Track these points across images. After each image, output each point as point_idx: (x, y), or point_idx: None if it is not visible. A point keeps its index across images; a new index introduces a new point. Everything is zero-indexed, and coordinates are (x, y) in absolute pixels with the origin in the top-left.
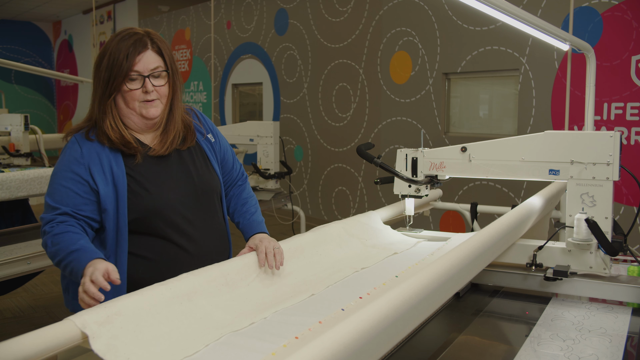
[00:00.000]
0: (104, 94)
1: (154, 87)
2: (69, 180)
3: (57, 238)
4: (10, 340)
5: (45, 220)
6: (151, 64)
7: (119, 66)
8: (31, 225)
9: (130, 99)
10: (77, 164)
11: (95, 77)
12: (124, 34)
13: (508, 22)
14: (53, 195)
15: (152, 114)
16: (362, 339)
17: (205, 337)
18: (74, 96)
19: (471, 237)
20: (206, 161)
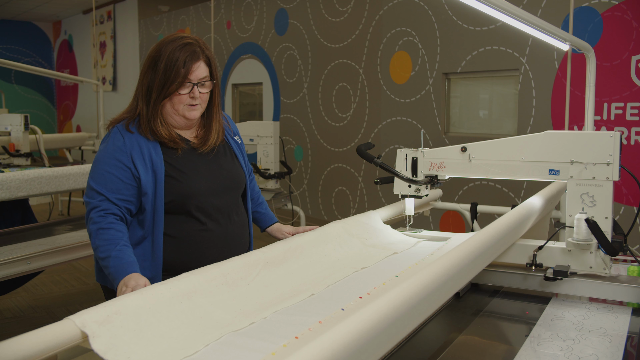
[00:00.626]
0: (159, 95)
1: (199, 94)
2: (112, 166)
3: (102, 233)
4: (10, 340)
5: (90, 206)
6: (201, 74)
7: (176, 73)
8: (31, 225)
9: (178, 102)
10: (120, 152)
11: (147, 78)
12: (180, 42)
13: (508, 22)
14: (97, 179)
15: (193, 116)
16: (362, 339)
17: (205, 337)
18: (74, 96)
19: (471, 237)
20: (234, 158)
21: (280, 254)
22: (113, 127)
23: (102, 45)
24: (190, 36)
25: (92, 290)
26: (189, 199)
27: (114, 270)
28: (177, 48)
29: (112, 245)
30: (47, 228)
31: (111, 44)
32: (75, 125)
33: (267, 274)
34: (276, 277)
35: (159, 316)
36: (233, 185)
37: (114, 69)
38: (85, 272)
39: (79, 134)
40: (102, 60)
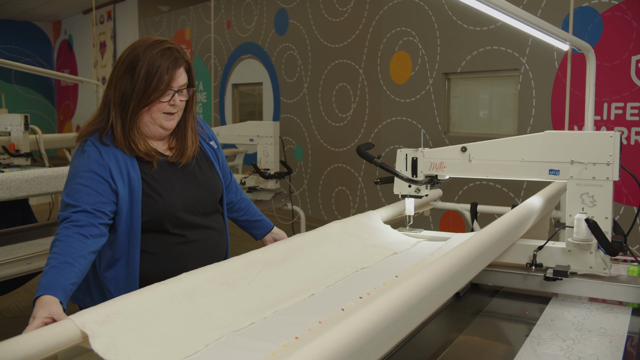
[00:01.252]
0: (139, 104)
1: (179, 102)
2: (89, 179)
3: (56, 245)
4: (10, 340)
5: (60, 218)
6: (182, 81)
7: (159, 80)
8: (31, 225)
9: (157, 110)
10: (98, 165)
11: (122, 85)
12: (161, 47)
13: (508, 22)
14: (73, 195)
15: (170, 125)
16: (362, 339)
17: (205, 337)
18: (74, 96)
19: (471, 237)
20: (210, 166)
21: (281, 254)
22: (85, 140)
23: (102, 45)
24: (168, 40)
25: None
26: (167, 217)
27: (40, 284)
28: (157, 54)
29: (56, 257)
30: (47, 228)
31: (111, 44)
32: (75, 125)
33: (267, 274)
34: (276, 277)
35: (159, 316)
36: (210, 197)
37: None
38: None
39: None
40: (102, 60)
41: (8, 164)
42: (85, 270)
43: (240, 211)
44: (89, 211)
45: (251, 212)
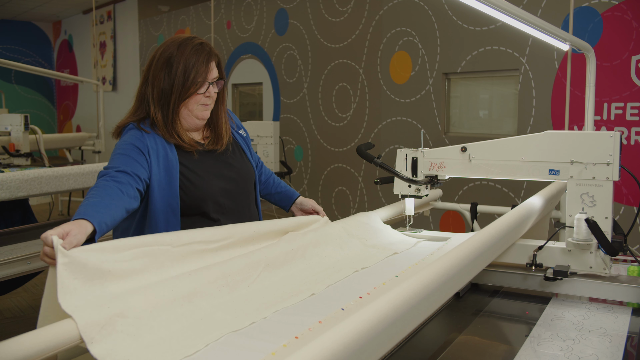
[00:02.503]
0: (179, 97)
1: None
2: (128, 150)
3: (94, 192)
4: (10, 340)
5: (100, 174)
6: (215, 74)
7: (197, 74)
8: (31, 225)
9: (194, 102)
10: (137, 140)
11: (160, 81)
12: (194, 43)
13: (508, 22)
14: (112, 161)
15: (205, 115)
16: (362, 339)
17: (205, 337)
18: (74, 96)
19: (471, 237)
20: (242, 153)
21: (281, 255)
22: (121, 130)
23: (102, 45)
24: (197, 37)
25: None
26: (204, 201)
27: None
28: (192, 50)
29: (94, 196)
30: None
31: (111, 44)
32: (75, 125)
33: (268, 275)
34: (277, 278)
35: (159, 320)
36: (244, 182)
37: (114, 69)
38: None
39: (79, 134)
40: (102, 60)
41: (8, 164)
42: (117, 221)
43: (261, 185)
44: (127, 172)
45: (269, 185)
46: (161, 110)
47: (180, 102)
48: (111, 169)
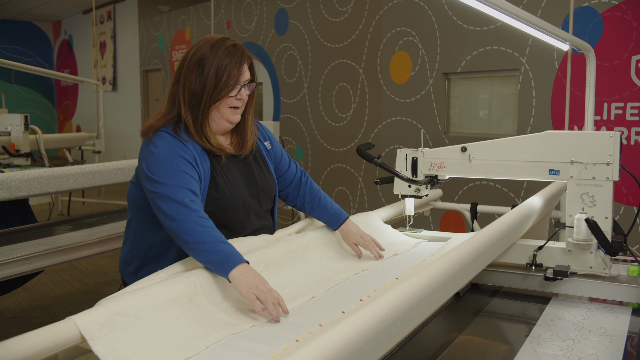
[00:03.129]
0: (210, 99)
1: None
2: (182, 165)
3: (204, 221)
4: (10, 340)
5: (179, 197)
6: (247, 76)
7: (229, 76)
8: (31, 225)
9: (225, 104)
10: (184, 152)
11: (192, 83)
12: (227, 45)
13: (508, 22)
14: (169, 177)
15: (236, 119)
16: (362, 339)
17: (206, 339)
18: (74, 96)
19: (471, 237)
20: (265, 165)
21: (281, 255)
22: (155, 131)
23: (102, 45)
24: (229, 38)
25: (92, 290)
26: (225, 211)
27: (222, 254)
28: (225, 52)
29: (219, 236)
30: (47, 228)
31: (111, 44)
32: (75, 125)
33: (268, 275)
34: (277, 279)
35: (160, 319)
36: (264, 196)
37: (114, 69)
38: (85, 272)
39: (79, 134)
40: (102, 60)
41: (8, 164)
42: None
43: (302, 206)
44: (195, 193)
45: (308, 207)
46: (191, 112)
47: (211, 105)
48: (183, 190)
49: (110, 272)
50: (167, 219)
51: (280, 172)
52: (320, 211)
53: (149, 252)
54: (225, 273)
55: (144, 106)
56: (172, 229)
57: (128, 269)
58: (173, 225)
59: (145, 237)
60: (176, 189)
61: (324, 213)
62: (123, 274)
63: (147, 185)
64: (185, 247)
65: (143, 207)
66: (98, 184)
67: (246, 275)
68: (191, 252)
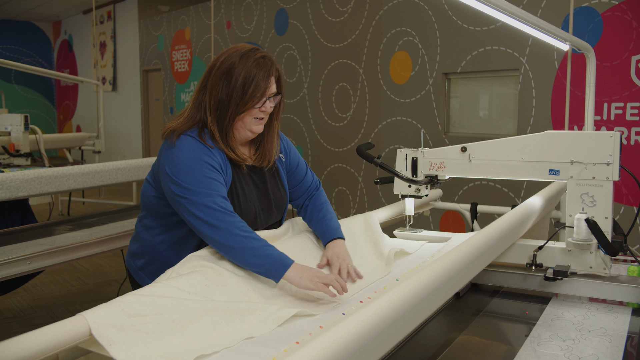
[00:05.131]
0: (236, 110)
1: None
2: (210, 172)
3: (245, 226)
4: (11, 340)
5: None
6: (273, 89)
7: (256, 88)
8: (31, 225)
9: (249, 114)
10: (210, 159)
11: (218, 91)
12: (256, 56)
13: (508, 22)
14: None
15: (259, 130)
16: (362, 339)
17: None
18: (74, 96)
19: (471, 237)
20: (279, 178)
21: None
22: (179, 135)
23: (102, 45)
24: (260, 48)
25: (92, 290)
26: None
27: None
28: (254, 63)
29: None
30: (47, 228)
31: (111, 44)
32: (75, 125)
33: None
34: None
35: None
36: (276, 210)
37: (114, 69)
38: (85, 272)
39: (79, 134)
40: (102, 60)
41: (8, 164)
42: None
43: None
44: (226, 198)
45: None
46: (217, 121)
47: (237, 115)
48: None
49: (110, 272)
50: (206, 226)
51: (294, 182)
52: (316, 224)
53: (157, 249)
54: (279, 276)
55: (144, 106)
56: (213, 235)
57: (136, 262)
58: (213, 232)
59: (156, 235)
60: (210, 196)
61: (318, 227)
62: (130, 267)
63: (173, 189)
64: (228, 254)
65: (157, 206)
66: (98, 184)
67: (302, 271)
68: (236, 259)
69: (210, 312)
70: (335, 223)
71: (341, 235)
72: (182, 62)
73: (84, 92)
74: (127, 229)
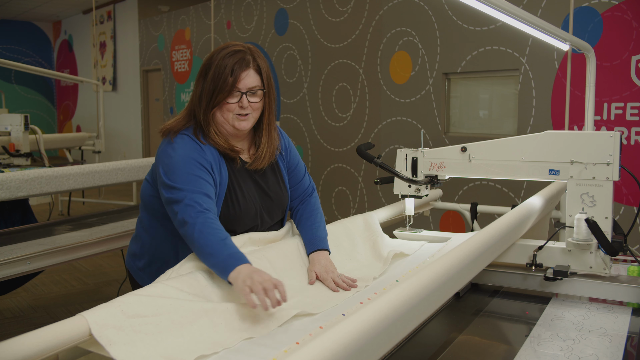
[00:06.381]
0: (208, 104)
1: (249, 104)
2: (197, 170)
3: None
4: (11, 340)
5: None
6: (250, 83)
7: (224, 81)
8: (31, 225)
9: (227, 110)
10: (200, 157)
11: (199, 86)
12: (230, 49)
13: (508, 22)
14: (184, 182)
15: (243, 126)
16: (362, 339)
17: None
18: (74, 96)
19: (471, 237)
20: (281, 176)
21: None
22: (176, 133)
23: (102, 45)
24: (242, 44)
25: (92, 290)
26: (236, 221)
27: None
28: (226, 55)
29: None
30: (47, 228)
31: (111, 44)
32: (75, 125)
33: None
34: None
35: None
36: (276, 208)
37: (114, 69)
38: (85, 272)
39: (79, 134)
40: (102, 60)
41: (8, 164)
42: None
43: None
44: (210, 197)
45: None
46: (202, 116)
47: (209, 110)
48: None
49: (110, 272)
50: (180, 224)
51: (291, 183)
52: (303, 231)
53: (158, 250)
54: (226, 276)
55: (144, 106)
56: (183, 233)
57: (137, 263)
58: (183, 229)
59: (156, 235)
60: (190, 194)
61: (305, 234)
62: (130, 267)
63: (164, 193)
64: (195, 252)
65: (156, 206)
66: (98, 184)
67: (241, 272)
68: (199, 257)
69: (210, 313)
70: (322, 233)
71: (326, 246)
72: (182, 62)
73: (84, 92)
74: (127, 229)
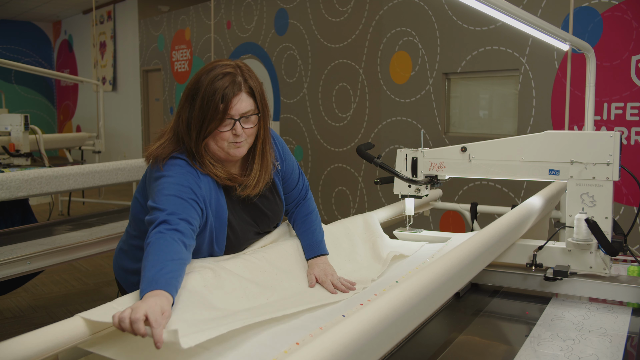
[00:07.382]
0: (199, 136)
1: (243, 130)
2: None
3: (163, 245)
4: (11, 340)
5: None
6: (243, 108)
7: (214, 109)
8: (31, 225)
9: (220, 139)
10: (194, 184)
11: (186, 113)
12: (218, 72)
13: (508, 22)
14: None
15: (239, 153)
16: (362, 339)
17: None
18: (74, 96)
19: (471, 237)
20: (277, 192)
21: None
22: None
23: (102, 45)
24: (230, 63)
25: (92, 291)
26: (232, 250)
27: (146, 281)
28: (215, 79)
29: (161, 257)
30: (47, 228)
31: (111, 44)
32: (75, 125)
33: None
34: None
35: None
36: (272, 222)
37: (114, 69)
38: (85, 272)
39: (79, 134)
40: (102, 60)
41: (8, 164)
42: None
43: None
44: (188, 221)
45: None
46: (194, 144)
47: (201, 140)
48: (173, 215)
49: (110, 272)
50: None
51: (286, 190)
52: (300, 235)
53: None
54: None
55: (144, 106)
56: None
57: (131, 279)
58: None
59: None
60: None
61: (302, 238)
62: (124, 283)
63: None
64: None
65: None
66: (98, 184)
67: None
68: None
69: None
70: (319, 236)
71: (324, 250)
72: (182, 62)
73: (84, 92)
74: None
